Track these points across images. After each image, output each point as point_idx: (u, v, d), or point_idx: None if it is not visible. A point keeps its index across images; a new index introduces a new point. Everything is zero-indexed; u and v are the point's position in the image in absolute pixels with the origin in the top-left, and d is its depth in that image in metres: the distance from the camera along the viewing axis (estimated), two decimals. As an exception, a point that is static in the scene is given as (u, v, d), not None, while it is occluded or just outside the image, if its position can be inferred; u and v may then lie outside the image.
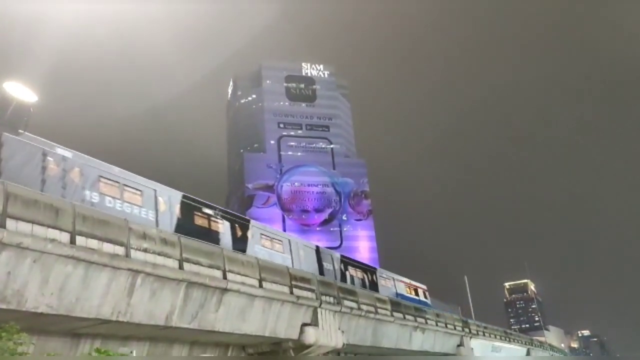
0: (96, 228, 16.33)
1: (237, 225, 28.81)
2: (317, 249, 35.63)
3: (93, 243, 15.94)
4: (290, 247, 32.23)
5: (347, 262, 39.65)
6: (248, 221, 30.54)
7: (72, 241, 15.31)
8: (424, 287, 54.15)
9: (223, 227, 27.72)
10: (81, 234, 15.66)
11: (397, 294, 44.03)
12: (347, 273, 38.11)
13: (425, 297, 52.57)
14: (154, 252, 18.22)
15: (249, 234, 29.51)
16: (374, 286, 40.80)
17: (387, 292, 41.17)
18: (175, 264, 19.06)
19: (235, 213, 31.71)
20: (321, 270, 34.11)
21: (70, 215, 15.60)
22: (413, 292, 49.60)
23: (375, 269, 44.26)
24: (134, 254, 17.29)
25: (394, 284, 45.62)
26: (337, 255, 38.84)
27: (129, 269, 16.92)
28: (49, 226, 14.89)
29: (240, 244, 28.07)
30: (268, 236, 30.94)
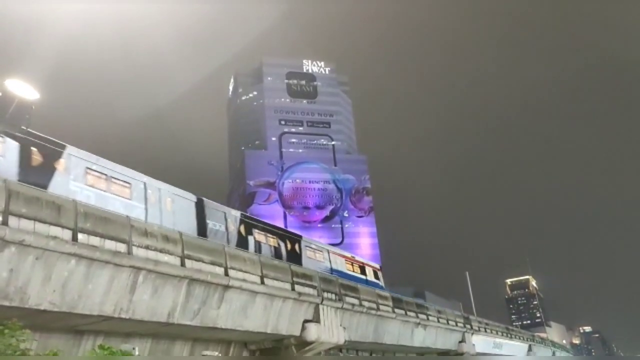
0: (98, 225, 16.37)
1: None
2: (200, 202, 28.03)
3: (95, 240, 15.98)
4: (145, 193, 24.10)
5: (250, 223, 32.08)
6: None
7: (74, 238, 15.35)
8: (377, 265, 48.18)
9: None
10: (83, 231, 15.69)
11: (332, 270, 37.20)
12: (251, 238, 31.09)
13: (377, 277, 45.39)
14: (155, 249, 18.26)
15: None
16: (295, 257, 33.66)
17: (315, 266, 33.94)
18: (177, 261, 19.10)
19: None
20: (203, 231, 27.04)
21: (72, 213, 15.64)
22: (358, 270, 42.57)
23: (299, 237, 36.44)
24: (135, 251, 17.32)
25: (327, 257, 38.47)
26: (235, 213, 31.32)
27: (131, 266, 16.96)
28: (51, 223, 14.92)
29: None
30: (99, 171, 22.00)
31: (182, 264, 19.24)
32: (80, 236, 15.52)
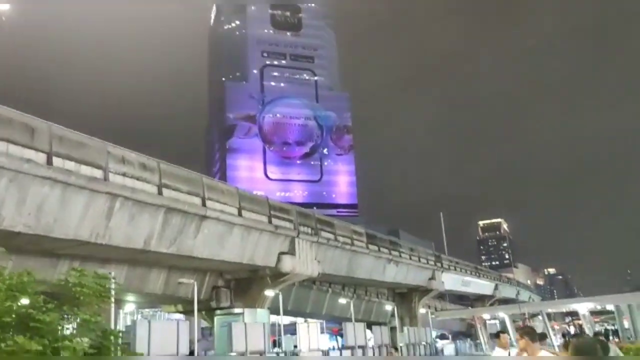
0: (73, 150, 16.09)
1: None
2: None
3: (70, 165, 15.76)
4: None
5: None
6: None
7: (49, 162, 15.11)
8: None
9: None
10: (58, 155, 15.43)
11: None
12: None
13: None
14: (132, 177, 18.12)
15: None
16: None
17: None
18: (154, 190, 19.03)
19: None
20: None
21: (46, 136, 15.30)
22: None
23: None
24: (112, 177, 17.17)
25: None
26: None
27: (107, 193, 16.86)
28: (24, 146, 14.61)
29: None
30: None
31: (160, 193, 19.19)
32: (55, 160, 15.27)
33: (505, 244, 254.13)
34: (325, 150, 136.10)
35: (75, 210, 16.08)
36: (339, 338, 45.07)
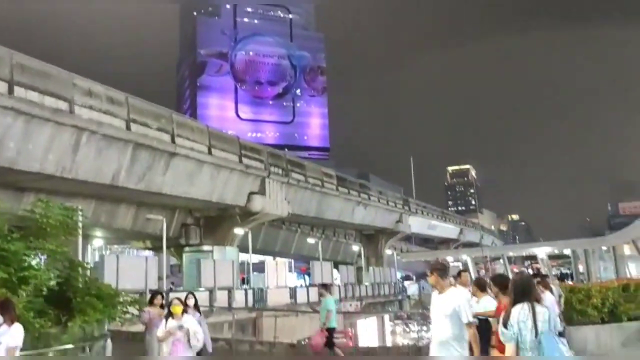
0: (37, 80, 15.55)
1: None
2: None
3: (33, 95, 15.25)
4: None
5: None
6: None
7: (11, 91, 14.59)
8: None
9: None
10: (20, 84, 14.90)
11: None
12: None
13: None
14: (100, 110, 17.71)
15: None
16: None
17: None
18: (122, 124, 18.68)
19: None
20: None
21: (6, 64, 14.71)
22: None
23: None
24: (78, 110, 16.74)
25: None
26: None
27: (73, 126, 16.48)
28: (-16, 74, 14.06)
29: None
30: None
31: (128, 128, 18.86)
32: (16, 89, 14.75)
33: (472, 190, 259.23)
34: (298, 92, 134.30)
35: (40, 142, 15.71)
36: (306, 277, 46.17)
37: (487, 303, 6.26)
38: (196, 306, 8.70)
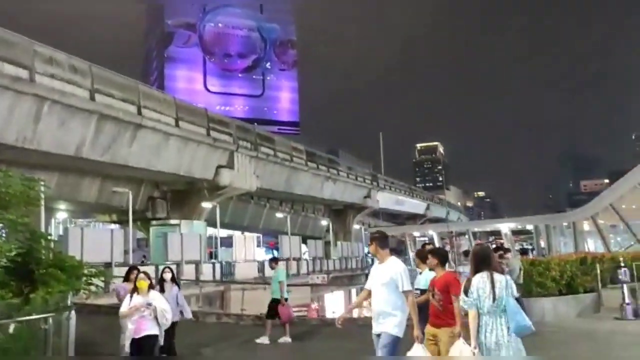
0: (-5, 46, 14.99)
1: None
2: None
3: (-8, 63, 14.72)
4: None
5: None
6: None
7: (-33, 58, 14.05)
8: None
9: None
10: (-23, 50, 14.34)
11: None
12: None
13: None
14: (62, 79, 17.21)
15: None
16: None
17: None
18: (86, 94, 18.21)
19: None
20: None
21: (-37, 29, 14.11)
22: None
23: None
24: (39, 79, 16.25)
25: None
26: None
27: (34, 94, 16.00)
28: (-62, 38, 13.46)
29: None
30: None
31: (92, 98, 18.40)
32: (-27, 56, 14.21)
33: (439, 167, 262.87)
34: (268, 65, 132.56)
35: (-1, 111, 15.22)
36: (275, 252, 46.33)
37: (429, 275, 6.40)
38: (173, 279, 8.64)
